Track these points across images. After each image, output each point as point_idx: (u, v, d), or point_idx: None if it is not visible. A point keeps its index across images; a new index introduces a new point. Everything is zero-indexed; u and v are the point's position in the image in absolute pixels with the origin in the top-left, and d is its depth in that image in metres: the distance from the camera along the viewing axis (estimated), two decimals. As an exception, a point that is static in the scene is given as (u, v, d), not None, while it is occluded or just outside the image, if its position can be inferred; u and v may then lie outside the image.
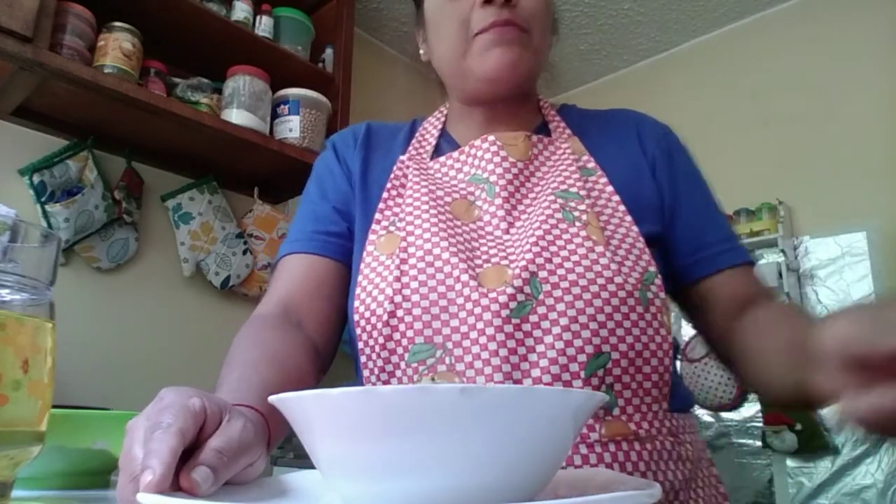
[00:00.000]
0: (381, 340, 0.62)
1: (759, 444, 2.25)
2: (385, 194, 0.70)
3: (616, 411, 0.58)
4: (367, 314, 0.62)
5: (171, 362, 1.74)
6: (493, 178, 0.67)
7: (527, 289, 0.58)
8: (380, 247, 0.66)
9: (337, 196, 0.73)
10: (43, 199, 1.54)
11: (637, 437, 0.57)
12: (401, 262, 0.63)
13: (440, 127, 0.76)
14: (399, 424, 0.27)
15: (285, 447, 1.78)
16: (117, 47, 1.50)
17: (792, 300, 2.16)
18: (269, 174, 1.91)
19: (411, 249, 0.63)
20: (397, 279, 0.62)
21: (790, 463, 2.17)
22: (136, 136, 1.68)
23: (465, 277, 0.60)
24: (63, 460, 0.61)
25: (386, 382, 0.62)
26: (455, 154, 0.71)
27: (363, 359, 0.64)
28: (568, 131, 0.72)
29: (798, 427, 2.08)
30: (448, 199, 0.67)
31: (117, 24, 1.52)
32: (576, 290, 0.57)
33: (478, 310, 0.58)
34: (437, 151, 0.74)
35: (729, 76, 2.58)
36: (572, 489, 0.37)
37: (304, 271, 0.70)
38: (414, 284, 0.61)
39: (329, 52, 1.97)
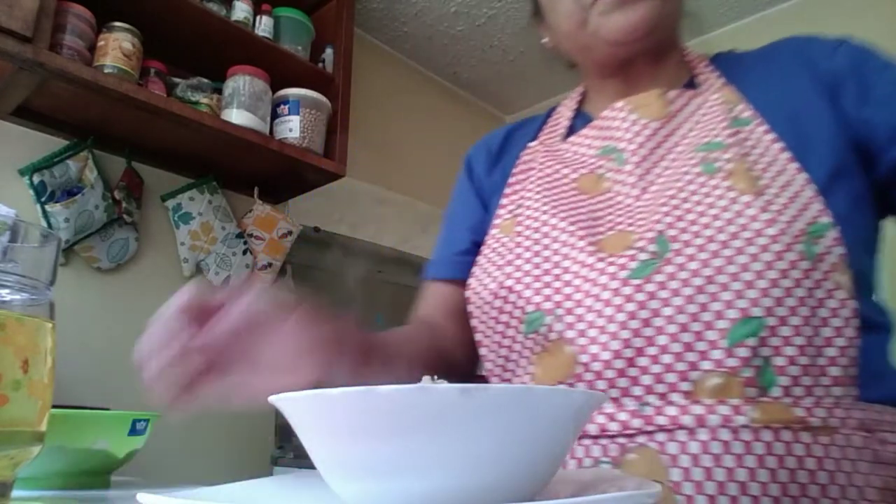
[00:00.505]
0: (493, 314, 0.60)
1: None
2: (511, 179, 0.69)
3: (776, 391, 0.48)
4: (479, 288, 0.62)
5: (171, 362, 1.74)
6: (622, 146, 0.62)
7: (651, 247, 0.52)
8: (502, 229, 0.65)
9: (469, 215, 0.74)
10: (43, 199, 1.54)
11: (806, 425, 0.46)
12: (515, 235, 0.62)
13: (574, 108, 0.72)
14: (399, 424, 0.27)
15: (285, 447, 1.78)
16: (117, 47, 1.49)
17: None
18: (269, 174, 1.91)
19: (527, 222, 0.62)
20: (510, 251, 0.61)
21: None
22: (136, 135, 1.68)
23: (580, 244, 0.56)
24: (63, 460, 0.61)
25: (505, 358, 0.60)
26: (585, 130, 0.67)
27: (479, 337, 0.63)
28: (721, 81, 0.63)
29: None
30: (574, 174, 0.64)
31: (117, 24, 1.52)
32: (713, 246, 0.50)
33: (593, 274, 0.54)
34: (572, 132, 0.69)
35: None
36: (572, 488, 0.37)
37: (443, 297, 0.72)
38: (527, 255, 0.59)
39: (329, 52, 1.97)
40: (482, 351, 0.63)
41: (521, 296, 0.57)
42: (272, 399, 0.31)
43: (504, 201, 0.67)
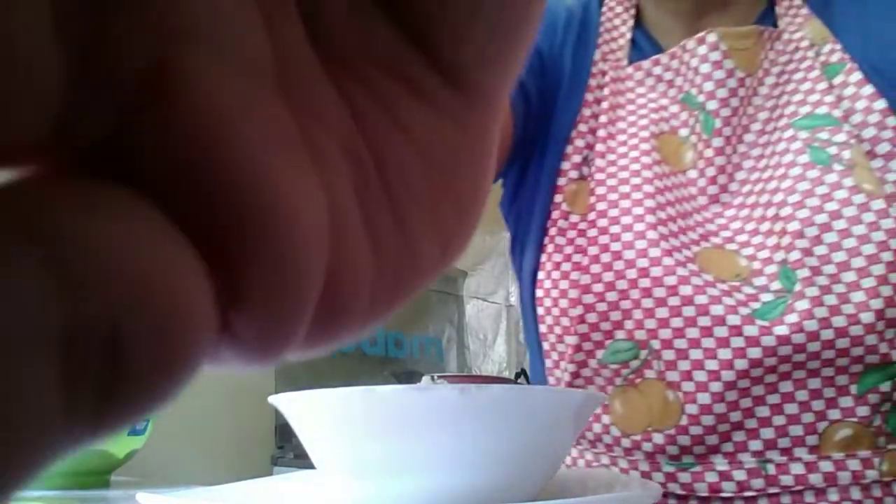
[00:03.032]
0: (564, 323, 0.49)
1: None
2: (586, 112, 0.52)
3: None
4: (555, 292, 0.49)
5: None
6: (711, 105, 0.49)
7: (775, 285, 0.43)
8: (569, 198, 0.51)
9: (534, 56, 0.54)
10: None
11: None
12: (589, 226, 0.48)
13: (630, 19, 0.55)
14: (399, 424, 0.27)
15: (285, 447, 1.78)
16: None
17: None
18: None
19: (602, 206, 0.48)
20: (586, 247, 0.48)
21: None
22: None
23: (676, 256, 0.45)
24: (63, 460, 0.61)
25: (573, 375, 0.49)
26: (663, 59, 0.52)
27: (546, 345, 0.51)
28: (804, 11, 0.50)
29: None
30: (652, 129, 0.50)
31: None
32: (849, 277, 0.41)
33: (702, 301, 0.43)
34: (633, 52, 0.55)
35: None
36: (572, 489, 0.37)
37: None
38: (606, 258, 0.46)
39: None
40: (548, 362, 0.52)
41: (608, 318, 0.46)
42: (272, 399, 0.31)
43: (569, 149, 0.51)
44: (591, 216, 0.49)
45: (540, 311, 0.51)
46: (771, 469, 0.43)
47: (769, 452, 0.44)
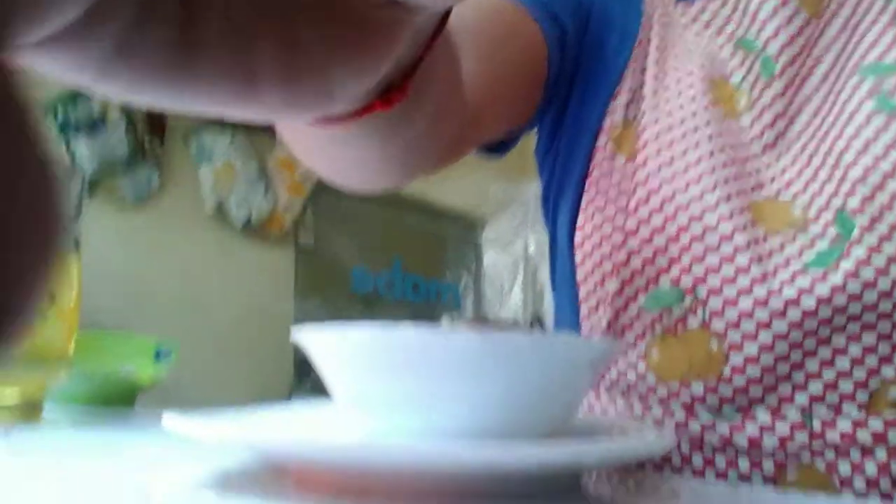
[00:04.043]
0: (607, 268, 0.47)
1: None
2: (636, 52, 0.49)
3: None
4: (595, 236, 0.48)
5: (192, 294, 1.78)
6: (771, 49, 0.46)
7: (832, 230, 0.41)
8: (619, 144, 0.48)
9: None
10: (66, 134, 1.55)
11: None
12: (640, 166, 0.46)
13: None
14: (419, 364, 0.28)
15: (303, 380, 1.83)
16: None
17: None
18: (292, 114, 1.89)
19: (651, 148, 0.46)
20: (634, 191, 0.45)
21: None
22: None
23: (732, 204, 0.43)
24: (89, 384, 0.63)
25: (618, 335, 0.48)
26: (711, 5, 0.50)
27: (584, 292, 0.49)
28: None
29: None
30: (702, 74, 0.47)
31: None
32: None
33: (756, 252, 0.42)
34: None
35: None
36: (584, 434, 0.37)
37: (497, 15, 0.47)
38: (657, 201, 0.44)
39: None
40: (584, 308, 0.50)
41: (654, 262, 0.45)
42: (294, 333, 0.32)
43: (616, 90, 0.49)
44: (640, 157, 0.46)
45: (578, 256, 0.49)
46: (816, 425, 0.42)
47: (816, 407, 0.42)
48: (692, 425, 0.44)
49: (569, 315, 0.53)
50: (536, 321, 1.87)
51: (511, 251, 2.34)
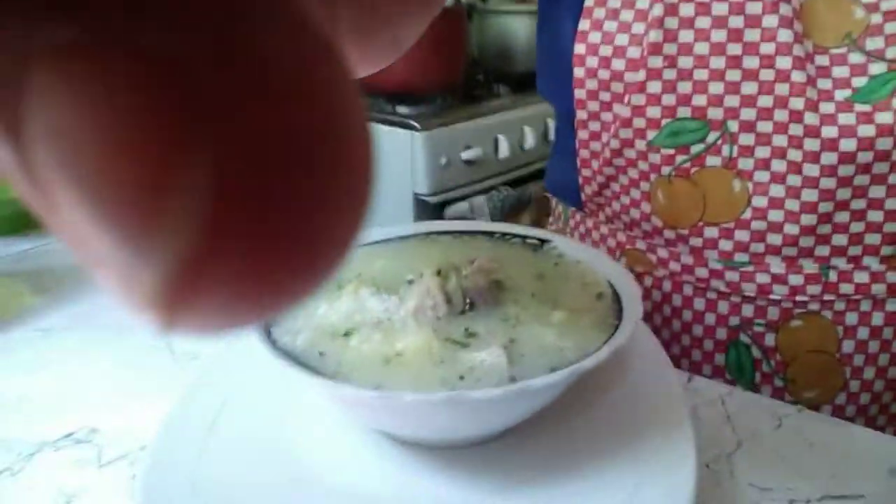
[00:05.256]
0: (605, 97, 0.41)
1: None
2: None
3: None
4: (608, 51, 0.41)
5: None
6: None
7: (892, 52, 0.36)
8: None
9: None
10: None
11: None
12: None
13: None
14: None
15: None
16: None
17: None
18: None
19: None
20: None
21: None
22: None
23: (770, 21, 0.36)
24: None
25: (620, 170, 0.43)
26: None
27: (583, 134, 0.44)
28: None
29: None
30: None
31: None
32: None
33: (797, 75, 0.36)
34: None
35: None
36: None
37: None
38: (687, 9, 0.37)
39: None
40: (582, 134, 0.45)
41: (675, 89, 0.39)
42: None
43: None
44: None
45: (579, 72, 0.42)
46: (832, 276, 0.41)
47: (835, 259, 0.40)
48: (699, 271, 0.43)
49: (566, 143, 0.47)
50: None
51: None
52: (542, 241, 0.38)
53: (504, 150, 1.26)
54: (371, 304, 0.31)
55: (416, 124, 1.14)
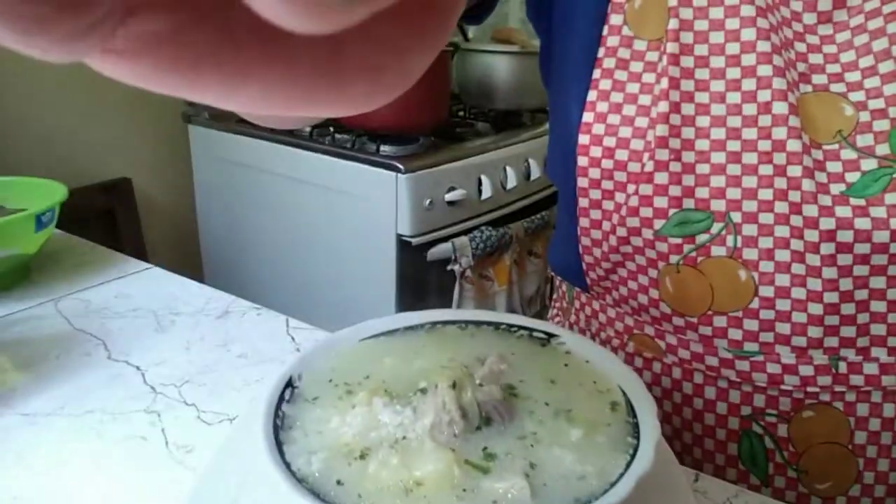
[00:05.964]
0: (607, 186, 0.41)
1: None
2: None
3: None
4: (612, 143, 0.41)
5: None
6: None
7: (882, 149, 0.36)
8: (632, 19, 0.41)
9: None
10: None
11: None
12: (670, 62, 0.39)
13: None
14: None
15: (196, 105, 1.64)
16: None
17: None
18: None
19: (697, 25, 0.38)
20: (662, 89, 0.38)
21: None
22: None
23: (780, 108, 0.37)
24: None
25: (627, 256, 0.43)
26: None
27: (585, 221, 0.45)
28: None
29: None
30: None
31: None
32: None
33: (793, 169, 0.37)
34: None
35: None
36: None
37: None
38: (688, 108, 0.38)
39: None
40: (585, 241, 0.46)
41: (680, 181, 0.39)
42: None
43: None
44: (672, 47, 0.38)
45: (583, 161, 0.42)
46: (842, 367, 0.40)
47: (844, 350, 0.40)
48: (709, 360, 0.43)
49: (566, 224, 0.47)
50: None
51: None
52: (549, 336, 0.38)
53: (487, 190, 1.27)
54: (385, 419, 0.31)
55: (400, 166, 1.13)
